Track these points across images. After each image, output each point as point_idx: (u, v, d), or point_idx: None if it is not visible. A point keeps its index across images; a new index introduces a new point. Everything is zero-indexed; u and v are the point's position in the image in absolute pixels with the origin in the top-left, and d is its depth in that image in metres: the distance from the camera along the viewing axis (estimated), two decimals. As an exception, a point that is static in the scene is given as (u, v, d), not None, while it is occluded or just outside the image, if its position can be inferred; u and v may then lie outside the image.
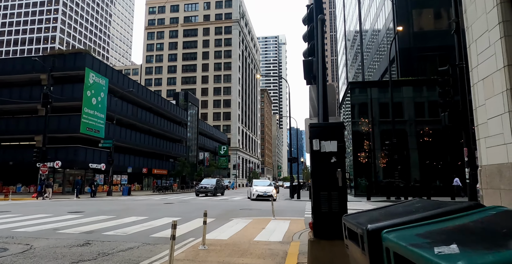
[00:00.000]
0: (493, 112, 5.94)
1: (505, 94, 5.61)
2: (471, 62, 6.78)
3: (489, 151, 6.15)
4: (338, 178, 3.99)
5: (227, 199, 23.48)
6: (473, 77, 6.70)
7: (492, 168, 6.03)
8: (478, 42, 6.46)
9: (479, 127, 6.50)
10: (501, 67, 5.69)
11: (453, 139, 27.54)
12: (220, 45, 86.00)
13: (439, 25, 34.55)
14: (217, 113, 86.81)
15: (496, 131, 5.86)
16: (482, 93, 6.35)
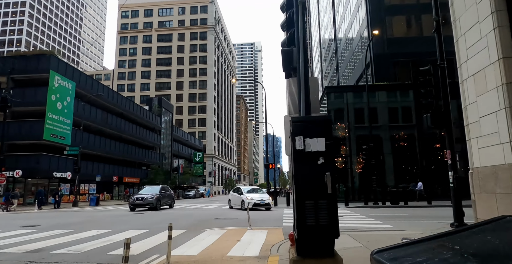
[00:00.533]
0: (487, 110, 5.48)
1: (500, 90, 5.15)
2: (460, 58, 6.35)
3: (482, 151, 5.67)
4: (327, 183, 3.30)
5: (202, 208, 22.46)
6: (462, 74, 6.25)
7: (486, 170, 5.55)
8: (467, 35, 6.03)
9: (470, 127, 6.03)
10: (495, 60, 5.24)
11: (427, 143, 27.82)
12: (195, 51, 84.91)
13: (411, 32, 35.18)
14: (192, 120, 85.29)
15: (490, 130, 5.39)
16: (473, 90, 5.90)
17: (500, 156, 5.16)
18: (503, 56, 5.10)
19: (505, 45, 5.11)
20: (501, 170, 5.14)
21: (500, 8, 5.21)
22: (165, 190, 22.96)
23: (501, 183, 5.14)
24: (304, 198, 3.32)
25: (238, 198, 19.89)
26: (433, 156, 27.35)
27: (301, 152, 3.41)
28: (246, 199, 18.88)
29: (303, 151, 3.40)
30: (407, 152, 27.97)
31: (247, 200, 18.71)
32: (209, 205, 27.16)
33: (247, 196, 19.34)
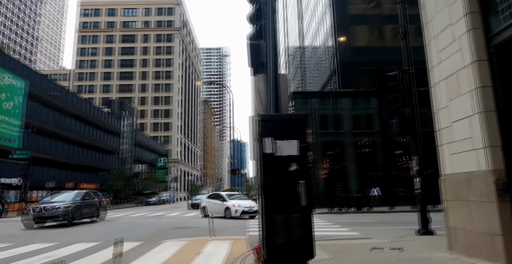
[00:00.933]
0: (459, 115, 5.31)
1: (473, 94, 4.99)
2: (431, 61, 6.20)
3: (454, 157, 5.49)
4: (301, 193, 2.84)
5: (162, 216, 21.41)
6: (433, 78, 6.09)
7: (459, 177, 5.36)
8: (439, 38, 5.88)
9: (442, 132, 5.85)
10: (469, 63, 5.08)
11: (389, 149, 28.50)
12: (160, 53, 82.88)
13: (375, 42, 36.22)
14: (156, 124, 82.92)
15: (463, 135, 5.22)
16: (444, 94, 5.74)
17: (473, 162, 4.98)
18: (477, 59, 4.95)
19: (479, 48, 4.97)
20: (475, 177, 4.95)
21: (473, 10, 5.07)
22: (87, 197, 16.76)
23: (475, 190, 4.95)
24: (274, 211, 2.83)
25: (220, 206, 17.68)
26: (395, 162, 28.04)
27: (270, 156, 2.94)
28: (232, 207, 16.95)
29: (273, 155, 2.93)
30: (370, 158, 28.49)
31: (234, 208, 16.85)
32: (171, 212, 26.08)
33: (234, 202, 17.36)
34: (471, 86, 5.00)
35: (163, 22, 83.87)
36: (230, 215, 16.82)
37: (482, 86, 4.85)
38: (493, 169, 4.64)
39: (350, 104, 29.80)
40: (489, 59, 4.91)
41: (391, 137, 28.94)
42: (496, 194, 4.55)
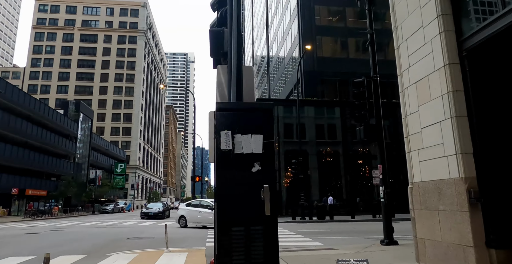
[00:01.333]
0: (430, 120, 5.09)
1: (445, 98, 4.78)
2: (400, 65, 6.01)
3: (424, 165, 5.26)
4: (265, 200, 2.31)
5: (117, 225, 20.05)
6: (403, 82, 5.89)
7: (428, 185, 5.12)
8: (409, 41, 5.69)
9: (411, 138, 5.62)
10: (441, 66, 4.89)
11: (351, 159, 28.93)
12: (123, 55, 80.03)
13: (339, 53, 37.04)
14: (116, 128, 79.55)
15: (434, 141, 4.99)
16: (414, 99, 5.53)
17: (444, 169, 4.75)
18: (449, 62, 4.76)
19: (451, 51, 4.79)
20: (445, 185, 4.72)
21: (446, 12, 4.91)
22: None
23: (445, 199, 4.71)
24: (230, 222, 2.26)
25: (206, 214, 16.06)
26: (357, 172, 28.49)
27: (227, 154, 2.40)
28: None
29: (231, 152, 2.40)
30: (333, 168, 28.76)
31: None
32: (127, 221, 24.61)
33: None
34: (443, 91, 4.80)
35: (127, 23, 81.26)
36: None
37: (454, 91, 4.66)
38: (465, 176, 4.41)
39: (314, 113, 30.04)
40: (461, 62, 4.75)
41: (353, 147, 29.45)
42: (468, 203, 4.32)
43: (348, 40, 37.24)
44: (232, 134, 2.40)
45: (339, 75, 35.35)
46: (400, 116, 5.96)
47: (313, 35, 36.42)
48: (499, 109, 4.56)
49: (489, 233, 4.24)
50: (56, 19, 77.34)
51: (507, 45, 4.59)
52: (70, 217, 34.84)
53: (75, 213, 41.95)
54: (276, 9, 49.73)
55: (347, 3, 37.87)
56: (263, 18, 59.05)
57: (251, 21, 76.32)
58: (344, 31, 37.06)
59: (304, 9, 37.08)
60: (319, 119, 30.26)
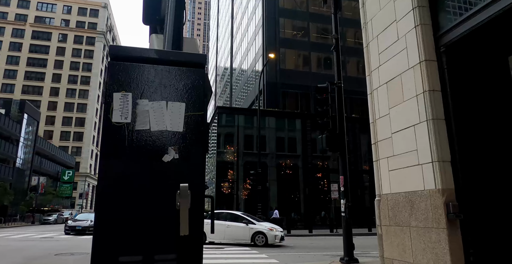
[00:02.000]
0: (403, 124, 4.51)
1: (420, 98, 4.22)
2: (370, 65, 5.46)
3: (394, 174, 4.65)
4: (181, 211, 1.35)
5: (52, 238, 17.95)
6: (372, 83, 5.32)
7: (399, 197, 4.50)
8: (380, 38, 5.16)
9: (379, 145, 5.02)
10: (416, 63, 4.35)
11: (309, 172, 28.68)
12: (79, 56, 75.95)
13: (302, 66, 37.29)
14: (66, 133, 74.63)
15: (407, 148, 4.40)
16: (385, 101, 4.96)
17: (418, 180, 4.15)
18: (425, 58, 4.24)
19: (427, 47, 4.27)
20: (419, 197, 4.11)
21: (422, 4, 4.42)
22: None
23: (419, 214, 4.10)
24: (117, 248, 1.29)
25: (243, 229, 13.69)
26: (315, 185, 28.25)
27: (122, 131, 1.50)
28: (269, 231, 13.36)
29: (129, 129, 1.49)
30: (291, 181, 28.35)
31: (272, 232, 13.22)
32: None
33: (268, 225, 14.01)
34: (418, 90, 4.25)
35: (86, 23, 77.57)
36: (265, 241, 13.06)
37: (430, 90, 4.12)
38: (442, 188, 3.83)
39: (275, 125, 29.63)
40: (438, 59, 4.24)
41: (313, 160, 29.29)
42: (445, 219, 3.72)
43: (311, 55, 37.68)
44: (134, 98, 1.52)
45: (301, 89, 35.53)
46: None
47: (276, 47, 36.42)
48: (481, 111, 4.07)
49: (469, 254, 3.66)
50: (6, 13, 72.07)
51: (489, 40, 4.15)
52: (4, 228, 31.37)
53: (11, 223, 38.03)
54: (241, 20, 49.68)
55: (311, 18, 38.55)
56: (228, 28, 58.81)
57: (216, 31, 75.92)
58: (308, 45, 37.51)
59: (269, 21, 37.14)
60: (280, 131, 29.90)
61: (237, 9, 53.36)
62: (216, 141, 29.02)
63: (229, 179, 28.00)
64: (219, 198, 26.94)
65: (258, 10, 40.21)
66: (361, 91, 34.81)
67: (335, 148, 8.34)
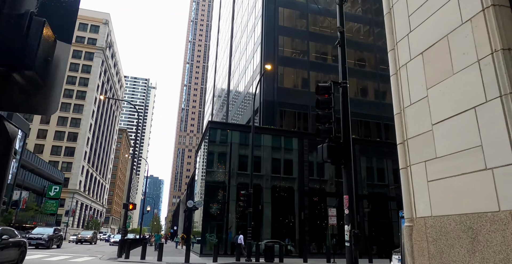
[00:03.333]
0: (453, 108, 2.91)
1: (487, 63, 2.65)
2: (394, 34, 3.91)
3: (438, 187, 2.99)
4: None
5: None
6: (398, 58, 3.76)
7: (448, 223, 2.83)
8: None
9: (411, 144, 3.39)
10: (476, 13, 2.81)
11: (305, 196, 26.78)
12: (76, 71, 75.19)
13: (300, 85, 36.26)
14: (57, 147, 72.62)
15: (460, 144, 2.78)
16: (419, 79, 3.37)
17: (484, 195, 2.52)
18: (493, 3, 2.71)
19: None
20: (489, 224, 2.46)
21: None
22: None
23: (489, 251, 2.43)
24: None
25: None
26: (311, 209, 26.29)
27: None
28: None
29: None
30: (286, 204, 26.41)
31: None
32: (36, 254, 19.82)
33: None
34: (480, 53, 2.71)
35: (85, 38, 77.40)
36: None
37: (505, 49, 2.57)
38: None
39: (271, 143, 28.01)
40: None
41: (309, 183, 27.51)
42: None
43: (310, 74, 36.75)
44: None
45: (299, 108, 34.34)
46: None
47: (275, 65, 35.49)
48: None
49: None
50: (6, 26, 71.92)
51: None
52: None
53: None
54: (240, 38, 49.29)
55: (311, 38, 37.93)
56: (227, 48, 58.52)
57: (216, 50, 75.84)
58: (306, 64, 36.66)
59: (268, 39, 36.47)
60: (276, 150, 28.24)
61: (237, 28, 53.15)
62: (206, 159, 27.25)
63: (219, 199, 26.05)
64: (207, 221, 24.90)
65: (257, 28, 39.70)
66: (359, 113, 33.63)
67: (338, 159, 6.73)
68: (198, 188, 31.24)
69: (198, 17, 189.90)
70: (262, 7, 38.10)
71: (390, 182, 29.60)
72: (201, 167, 30.47)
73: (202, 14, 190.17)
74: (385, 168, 30.39)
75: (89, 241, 38.62)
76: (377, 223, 27.61)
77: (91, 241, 38.80)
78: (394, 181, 29.38)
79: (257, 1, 40.82)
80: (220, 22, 72.85)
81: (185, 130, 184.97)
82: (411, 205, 3.28)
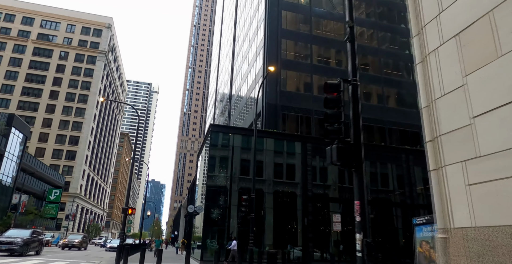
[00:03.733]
0: (500, 97, 2.43)
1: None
2: (421, 17, 3.46)
3: (482, 192, 2.49)
4: None
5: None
6: (427, 43, 3.34)
7: (497, 235, 2.32)
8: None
9: (444, 141, 2.91)
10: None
11: (309, 202, 26.20)
12: (78, 74, 75.11)
13: (303, 89, 35.85)
14: (58, 151, 72.32)
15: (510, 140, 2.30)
16: (453, 65, 2.90)
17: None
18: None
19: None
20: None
21: None
22: None
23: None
24: None
25: None
26: (314, 215, 25.69)
27: None
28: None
29: None
30: (289, 210, 25.83)
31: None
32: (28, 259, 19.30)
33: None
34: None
35: (88, 42, 77.42)
36: None
37: None
38: None
39: (274, 147, 27.51)
40: None
41: (313, 189, 26.97)
42: None
43: (313, 77, 36.34)
44: None
45: (302, 112, 33.90)
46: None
47: (278, 68, 35.13)
48: None
49: None
50: (9, 29, 72.01)
51: None
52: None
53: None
54: (243, 42, 49.07)
55: (313, 41, 37.58)
56: (230, 51, 58.32)
57: (218, 55, 75.73)
58: (310, 67, 36.26)
59: (271, 42, 36.15)
60: (279, 155, 27.73)
61: (239, 32, 52.94)
62: (208, 163, 26.75)
63: (220, 205, 25.50)
64: (208, 226, 24.33)
65: (260, 31, 39.44)
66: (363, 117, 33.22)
67: (349, 162, 6.24)
68: (199, 193, 30.75)
69: (201, 22, 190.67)
70: (265, 10, 37.84)
71: (394, 188, 29.00)
72: (202, 171, 29.99)
73: (204, 19, 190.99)
74: (389, 173, 29.81)
75: (78, 246, 33.66)
76: (381, 230, 26.97)
77: (79, 247, 33.97)
78: (399, 186, 28.79)
79: (260, 4, 40.63)
80: (222, 26, 72.81)
81: (187, 135, 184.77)
82: (445, 213, 2.78)
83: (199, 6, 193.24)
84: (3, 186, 45.81)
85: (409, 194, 28.75)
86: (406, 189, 28.51)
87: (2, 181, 44.91)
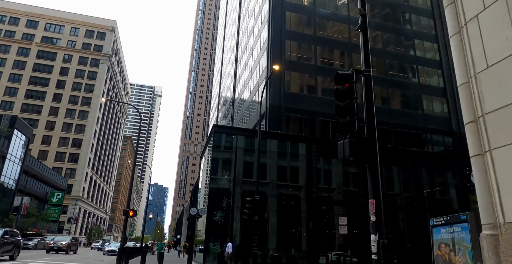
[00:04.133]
0: None
1: None
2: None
3: None
4: None
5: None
6: (464, 10, 2.91)
7: None
8: None
9: (489, 120, 2.55)
10: None
11: (313, 205, 25.69)
12: (81, 77, 75.17)
13: (307, 90, 35.44)
14: (61, 153, 72.20)
15: None
16: (500, 32, 2.52)
17: None
18: None
19: None
20: None
21: None
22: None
23: None
24: None
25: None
26: (319, 218, 25.16)
27: None
28: None
29: None
30: (293, 213, 25.32)
31: None
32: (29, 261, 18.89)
33: None
34: None
35: (92, 45, 77.60)
36: None
37: None
38: None
39: (277, 149, 27.06)
40: None
41: (318, 191, 26.45)
42: None
43: (318, 79, 35.92)
44: None
45: (306, 113, 33.43)
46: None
47: (282, 69, 34.78)
48: None
49: None
50: (14, 32, 72.32)
51: None
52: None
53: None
54: (246, 44, 48.84)
55: (318, 42, 37.21)
56: (233, 54, 58.11)
57: (221, 57, 75.66)
58: (314, 69, 35.85)
59: (274, 43, 35.82)
60: (283, 156, 27.26)
61: (242, 34, 52.74)
62: (211, 165, 26.30)
63: (223, 207, 25.02)
64: (210, 229, 23.87)
65: (263, 33, 39.13)
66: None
67: (362, 156, 5.81)
68: (202, 195, 30.32)
69: (204, 25, 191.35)
70: (268, 11, 37.55)
71: (399, 191, 28.46)
72: (205, 173, 29.60)
73: (208, 22, 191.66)
74: (394, 176, 29.27)
75: (65, 249, 30.09)
76: (387, 232, 26.42)
77: (67, 250, 30.31)
78: (404, 189, 28.27)
79: (263, 5, 40.35)
80: (226, 29, 72.74)
81: (189, 138, 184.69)
82: (494, 205, 2.33)
83: (202, 10, 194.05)
84: (5, 188, 45.57)
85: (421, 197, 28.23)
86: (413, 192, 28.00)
87: (4, 183, 44.69)
